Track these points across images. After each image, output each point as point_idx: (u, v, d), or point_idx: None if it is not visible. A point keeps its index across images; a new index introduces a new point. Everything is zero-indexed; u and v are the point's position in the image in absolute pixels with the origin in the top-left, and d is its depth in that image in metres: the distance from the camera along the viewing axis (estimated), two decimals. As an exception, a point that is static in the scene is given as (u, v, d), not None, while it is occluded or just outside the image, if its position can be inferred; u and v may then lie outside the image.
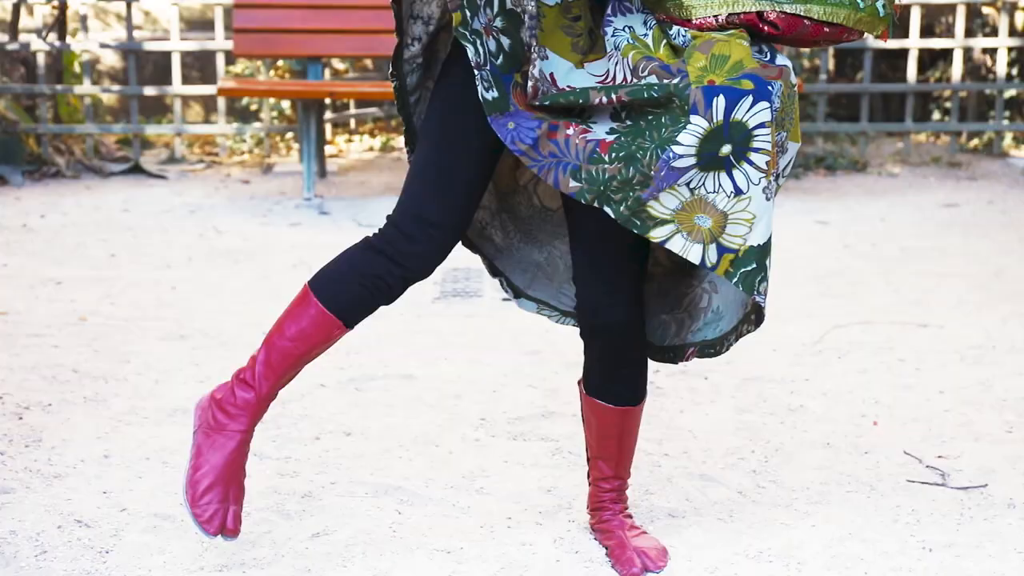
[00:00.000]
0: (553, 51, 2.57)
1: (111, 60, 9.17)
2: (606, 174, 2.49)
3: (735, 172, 2.49)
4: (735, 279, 2.52)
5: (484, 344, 4.47)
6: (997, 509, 3.18)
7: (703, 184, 2.49)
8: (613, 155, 2.50)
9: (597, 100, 2.50)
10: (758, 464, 3.46)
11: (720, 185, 2.49)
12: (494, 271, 2.98)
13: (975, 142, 8.42)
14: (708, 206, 2.50)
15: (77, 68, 8.30)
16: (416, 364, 4.26)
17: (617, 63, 2.56)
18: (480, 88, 2.49)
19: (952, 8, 8.77)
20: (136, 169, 7.67)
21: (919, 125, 8.15)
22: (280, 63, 8.63)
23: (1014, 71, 8.45)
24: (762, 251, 2.53)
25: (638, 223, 2.49)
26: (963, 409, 3.89)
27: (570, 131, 2.52)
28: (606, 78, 2.58)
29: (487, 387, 4.05)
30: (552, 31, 2.57)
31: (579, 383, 2.95)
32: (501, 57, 2.51)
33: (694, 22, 2.57)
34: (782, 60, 2.59)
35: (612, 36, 2.58)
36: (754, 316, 2.69)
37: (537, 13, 2.49)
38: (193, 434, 2.73)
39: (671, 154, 2.47)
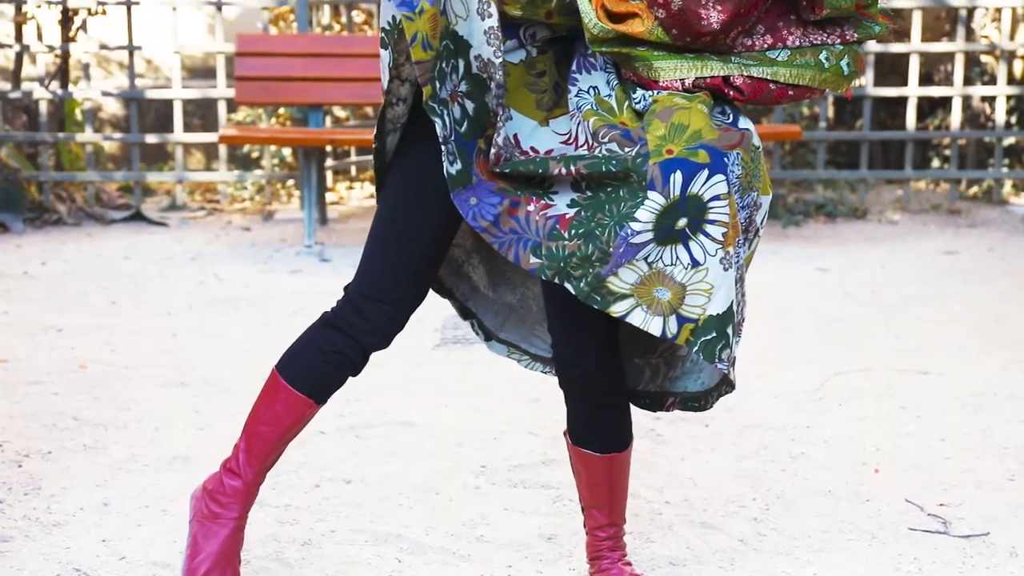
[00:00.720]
0: (517, 110, 2.60)
1: (113, 108, 9.21)
2: (566, 250, 2.51)
3: (691, 244, 2.51)
4: (696, 348, 2.52)
5: (484, 391, 4.46)
6: (999, 557, 3.17)
7: (660, 258, 2.50)
8: (572, 231, 2.52)
9: (557, 171, 2.52)
10: (759, 512, 3.45)
11: (677, 257, 2.51)
12: (466, 313, 2.97)
13: (975, 189, 8.44)
14: (666, 279, 2.51)
15: (79, 116, 8.33)
16: (416, 411, 4.25)
17: (579, 123, 2.58)
18: (445, 163, 2.50)
19: (950, 56, 8.81)
20: (137, 216, 7.68)
21: (919, 172, 8.17)
22: (281, 111, 8.66)
23: (1013, 119, 8.48)
24: (722, 320, 2.54)
25: (598, 299, 2.50)
26: (964, 457, 3.88)
27: (531, 207, 2.54)
28: (569, 138, 2.60)
29: (487, 434, 4.04)
30: (516, 88, 2.60)
31: (564, 433, 2.94)
32: (465, 123, 2.52)
33: (660, 83, 2.59)
34: (744, 123, 2.61)
35: (576, 96, 2.60)
36: (725, 385, 2.71)
37: (504, 79, 2.50)
38: (188, 523, 2.81)
39: (629, 231, 2.48)
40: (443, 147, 2.50)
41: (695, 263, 2.52)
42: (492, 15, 2.47)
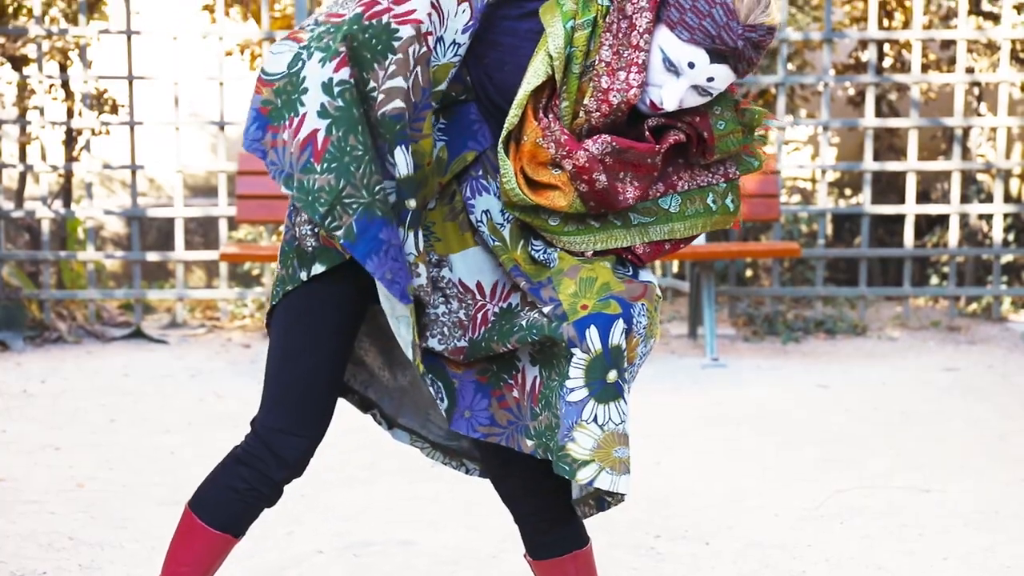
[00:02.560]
0: (450, 250, 2.66)
1: (115, 226, 9.27)
2: (542, 426, 2.58)
3: (627, 396, 2.57)
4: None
5: (481, 509, 4.44)
6: None
7: (609, 418, 2.55)
8: (540, 405, 2.60)
9: (500, 350, 2.59)
10: (761, 632, 3.42)
11: (623, 414, 2.56)
12: (366, 404, 2.92)
13: (974, 306, 8.45)
14: (621, 437, 2.55)
15: (81, 234, 8.38)
16: (414, 529, 4.22)
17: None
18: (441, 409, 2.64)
19: (947, 175, 8.88)
20: (137, 334, 7.69)
21: (917, 290, 8.19)
22: (282, 228, 8.70)
23: (1010, 236, 8.52)
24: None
25: (566, 468, 2.53)
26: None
27: (515, 393, 2.62)
28: (499, 264, 2.67)
29: (486, 553, 4.01)
30: (441, 223, 2.65)
31: (525, 557, 2.91)
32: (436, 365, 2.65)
33: (557, 245, 2.67)
34: (645, 276, 2.70)
35: (477, 221, 2.66)
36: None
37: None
38: None
39: (566, 390, 2.54)
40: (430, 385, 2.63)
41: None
42: (420, 274, 2.56)
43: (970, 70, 8.64)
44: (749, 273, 9.16)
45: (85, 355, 7.24)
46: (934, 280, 8.91)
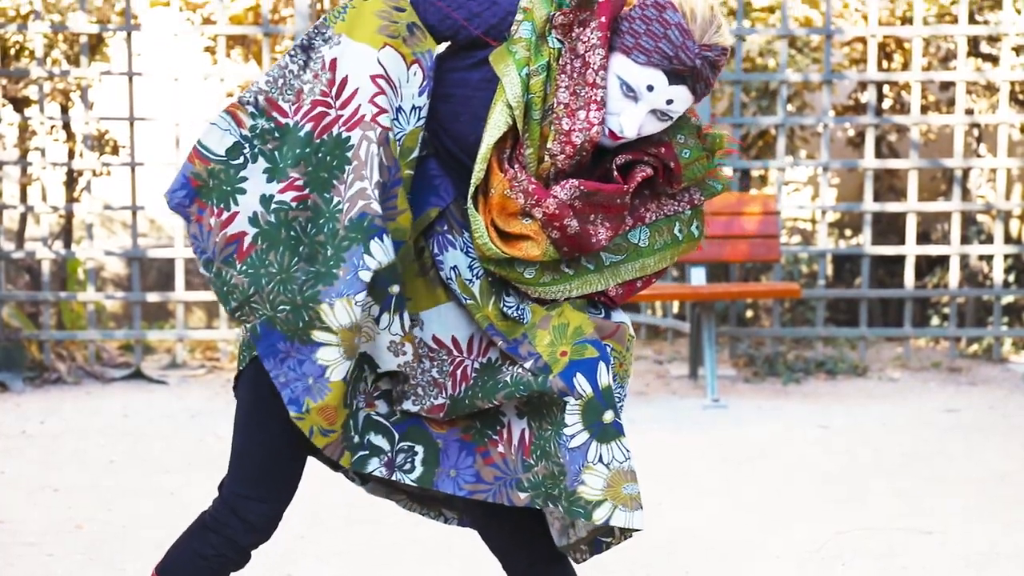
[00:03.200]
0: (421, 307, 2.67)
1: (116, 267, 9.28)
2: (540, 476, 2.60)
3: (626, 434, 2.60)
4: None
5: (486, 552, 4.41)
6: None
7: (614, 457, 2.57)
8: (535, 456, 2.62)
9: (485, 406, 2.60)
10: (762, 675, 3.40)
11: (627, 450, 2.58)
12: (335, 464, 2.88)
13: (974, 347, 8.45)
14: (628, 474, 2.57)
15: (81, 275, 8.38)
16: (417, 571, 4.20)
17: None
18: (405, 477, 2.67)
19: (947, 216, 8.89)
20: (137, 375, 7.68)
21: (918, 330, 8.19)
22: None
23: (1010, 277, 8.52)
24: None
25: (580, 511, 2.55)
26: (970, 618, 3.83)
27: (500, 448, 2.63)
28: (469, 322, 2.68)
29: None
30: (411, 281, 2.65)
31: None
32: (407, 427, 2.67)
33: (532, 296, 2.68)
34: (618, 316, 2.72)
35: (447, 278, 2.67)
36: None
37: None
38: None
39: (565, 438, 2.56)
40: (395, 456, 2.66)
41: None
42: (407, 352, 2.60)
43: (969, 111, 8.66)
44: (750, 314, 9.16)
45: (84, 396, 7.22)
46: (935, 321, 8.91)
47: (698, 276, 7.30)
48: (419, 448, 2.65)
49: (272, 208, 2.54)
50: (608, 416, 2.55)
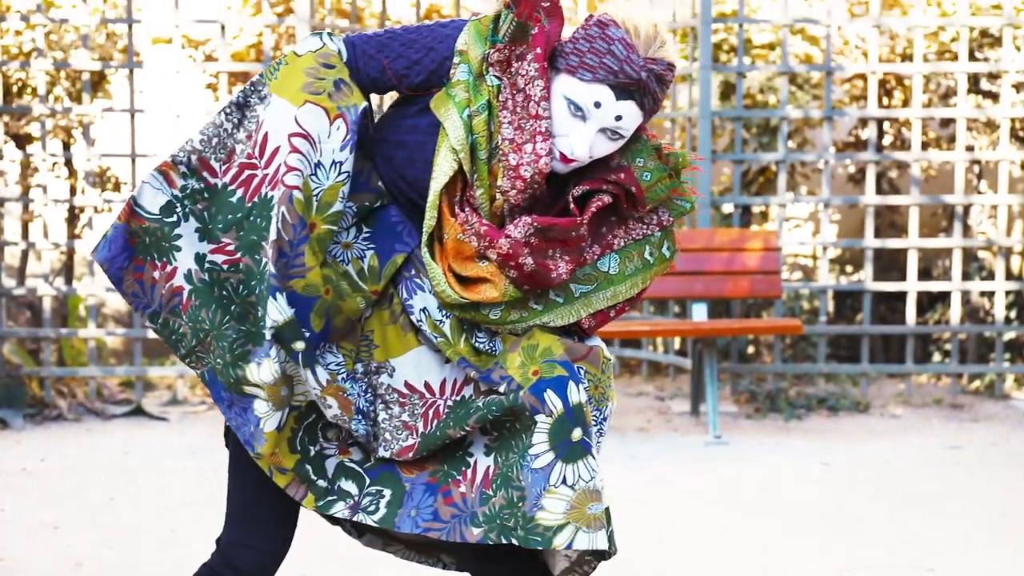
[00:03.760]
0: (392, 354, 2.66)
1: (116, 303, 9.27)
2: (496, 507, 2.57)
3: (596, 452, 2.58)
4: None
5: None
6: None
7: (579, 477, 2.53)
8: (495, 485, 2.59)
9: (458, 435, 2.59)
10: None
11: (593, 470, 2.55)
12: (332, 517, 2.85)
13: (976, 384, 8.43)
14: (594, 493, 2.54)
15: (82, 311, 8.38)
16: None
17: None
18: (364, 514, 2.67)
19: (948, 252, 8.89)
20: (138, 411, 7.66)
21: (920, 367, 8.17)
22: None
23: (1012, 314, 8.51)
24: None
25: (539, 539, 2.52)
26: (974, 656, 3.81)
27: (462, 488, 2.62)
28: (445, 360, 2.67)
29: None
30: (380, 329, 2.65)
31: None
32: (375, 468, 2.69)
33: (500, 332, 2.68)
34: (591, 340, 2.73)
35: (417, 321, 2.67)
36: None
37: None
38: None
39: (529, 458, 2.54)
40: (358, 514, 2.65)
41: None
42: (331, 406, 2.60)
43: (970, 148, 8.68)
44: (751, 350, 9.15)
45: (85, 433, 7.21)
46: (936, 357, 8.90)
47: (699, 312, 7.30)
48: (387, 491, 2.64)
49: (206, 267, 2.59)
50: (576, 434, 2.53)
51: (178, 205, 2.61)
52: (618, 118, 2.57)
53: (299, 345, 2.52)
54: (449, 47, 2.62)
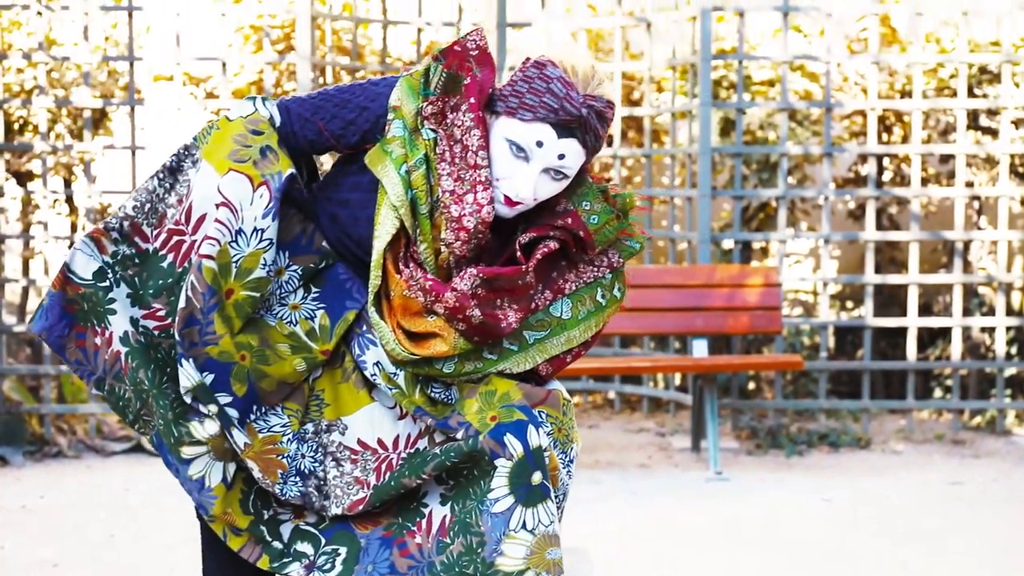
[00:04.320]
0: (344, 412, 2.68)
1: (117, 340, 9.28)
2: (455, 554, 2.56)
3: (554, 497, 2.59)
4: None
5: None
6: None
7: (539, 521, 2.53)
8: (452, 532, 2.59)
9: (412, 484, 2.59)
10: None
11: (551, 514, 2.56)
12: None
13: (978, 420, 8.42)
14: (553, 538, 2.54)
15: (83, 348, 8.37)
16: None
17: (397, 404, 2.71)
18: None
19: (949, 288, 8.89)
20: (138, 448, 7.65)
21: (921, 403, 8.16)
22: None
23: (1013, 350, 8.51)
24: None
25: None
26: None
27: (418, 539, 2.62)
28: (401, 413, 2.68)
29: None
30: (332, 388, 2.66)
31: None
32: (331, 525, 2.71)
33: (455, 381, 2.69)
34: (550, 384, 2.73)
35: (371, 375, 2.67)
36: None
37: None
38: None
39: (488, 503, 2.54)
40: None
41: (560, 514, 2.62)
42: (253, 468, 2.65)
43: (970, 184, 8.69)
44: (752, 386, 9.15)
45: (85, 470, 7.20)
46: (937, 393, 8.89)
47: (700, 348, 7.30)
48: (342, 549, 2.64)
49: (140, 329, 2.62)
50: (536, 477, 2.53)
51: (109, 271, 2.63)
52: (561, 156, 2.57)
53: (212, 408, 2.56)
54: (382, 105, 2.62)
